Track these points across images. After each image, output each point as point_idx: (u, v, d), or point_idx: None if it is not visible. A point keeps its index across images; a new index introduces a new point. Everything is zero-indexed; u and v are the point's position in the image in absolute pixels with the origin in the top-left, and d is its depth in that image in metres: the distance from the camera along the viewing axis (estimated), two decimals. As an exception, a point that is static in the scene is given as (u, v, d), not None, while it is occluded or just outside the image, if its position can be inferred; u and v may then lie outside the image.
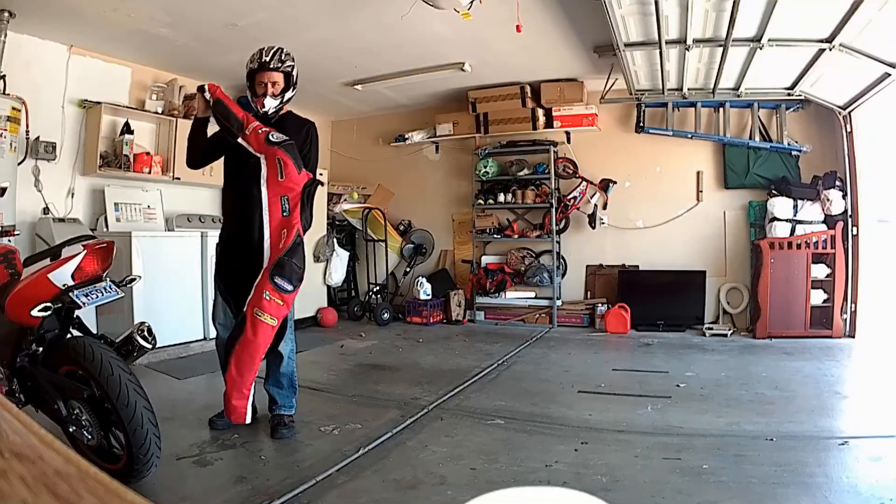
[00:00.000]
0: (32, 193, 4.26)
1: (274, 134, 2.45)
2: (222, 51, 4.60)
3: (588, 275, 6.05)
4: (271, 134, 2.45)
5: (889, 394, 3.34)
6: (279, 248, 2.45)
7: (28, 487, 0.32)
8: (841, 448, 2.44)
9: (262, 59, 2.53)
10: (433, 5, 3.43)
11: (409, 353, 4.65)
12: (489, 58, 5.01)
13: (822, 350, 4.42)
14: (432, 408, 3.06)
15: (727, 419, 2.82)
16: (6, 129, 3.82)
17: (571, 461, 2.32)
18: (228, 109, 2.51)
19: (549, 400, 3.21)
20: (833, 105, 4.89)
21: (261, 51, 2.56)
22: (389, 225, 6.48)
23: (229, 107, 2.52)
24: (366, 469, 2.27)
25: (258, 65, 2.54)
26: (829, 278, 4.93)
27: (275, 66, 2.54)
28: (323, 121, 6.99)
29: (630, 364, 4.22)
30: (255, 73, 2.56)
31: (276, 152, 2.43)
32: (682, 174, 5.71)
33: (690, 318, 5.40)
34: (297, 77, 2.64)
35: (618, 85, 5.29)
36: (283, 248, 2.44)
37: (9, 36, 3.90)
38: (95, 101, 4.57)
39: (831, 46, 3.72)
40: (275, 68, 2.54)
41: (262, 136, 2.44)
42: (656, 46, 3.94)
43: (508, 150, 6.13)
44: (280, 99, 2.60)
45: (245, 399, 2.46)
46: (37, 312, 1.96)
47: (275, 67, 2.54)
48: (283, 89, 2.59)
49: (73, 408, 2.02)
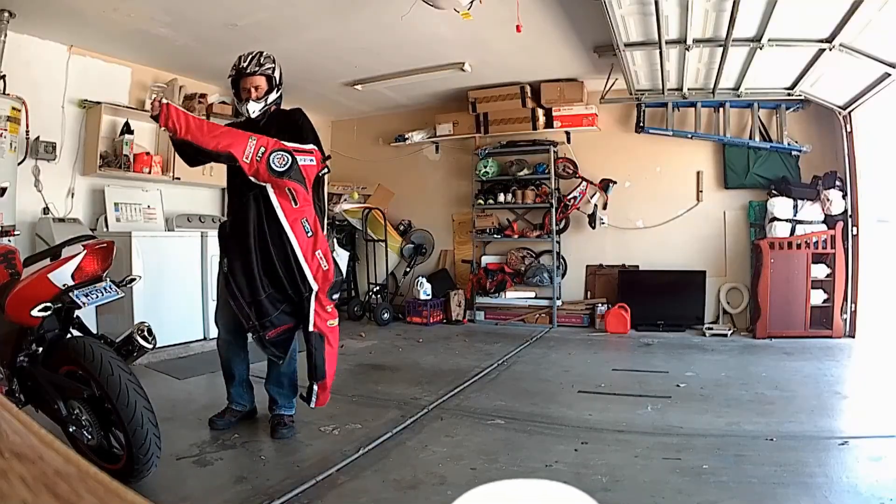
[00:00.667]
0: (32, 193, 4.26)
1: (274, 159, 2.37)
2: (222, 51, 4.59)
3: (588, 275, 6.05)
4: (272, 161, 2.36)
5: (889, 394, 3.34)
6: (325, 273, 2.52)
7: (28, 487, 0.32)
8: (841, 448, 2.44)
9: (240, 65, 2.56)
10: (433, 5, 3.43)
11: (409, 353, 4.65)
12: (489, 58, 5.01)
13: (822, 350, 4.42)
14: (432, 408, 3.06)
15: (727, 419, 2.82)
16: (6, 129, 3.83)
17: (571, 461, 2.32)
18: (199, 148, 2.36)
19: (549, 400, 3.21)
20: (833, 105, 4.89)
21: (239, 58, 2.58)
22: (389, 225, 6.48)
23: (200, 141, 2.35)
24: (366, 469, 2.27)
25: (237, 72, 2.57)
26: (829, 278, 4.93)
27: (252, 71, 2.55)
28: (323, 121, 7.00)
29: (630, 364, 4.22)
30: (236, 80, 2.59)
31: (285, 183, 2.41)
32: (682, 174, 5.71)
33: (690, 318, 5.40)
34: (280, 78, 2.63)
35: (618, 85, 5.29)
36: (329, 272, 2.53)
37: (9, 36, 3.90)
38: (95, 101, 4.57)
39: (831, 46, 3.72)
40: (252, 72, 2.55)
41: (263, 166, 2.36)
42: (656, 46, 3.94)
43: (508, 150, 6.13)
44: (264, 102, 2.59)
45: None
46: (37, 312, 1.96)
47: (252, 72, 2.55)
48: (266, 91, 2.59)
49: (73, 408, 2.02)
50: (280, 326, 2.57)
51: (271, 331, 2.55)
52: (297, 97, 5.45)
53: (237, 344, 2.76)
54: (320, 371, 2.57)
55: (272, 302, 2.53)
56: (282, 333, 2.59)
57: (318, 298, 2.52)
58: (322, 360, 2.57)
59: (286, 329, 2.60)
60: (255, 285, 2.49)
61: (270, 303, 2.52)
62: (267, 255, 2.50)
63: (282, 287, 2.52)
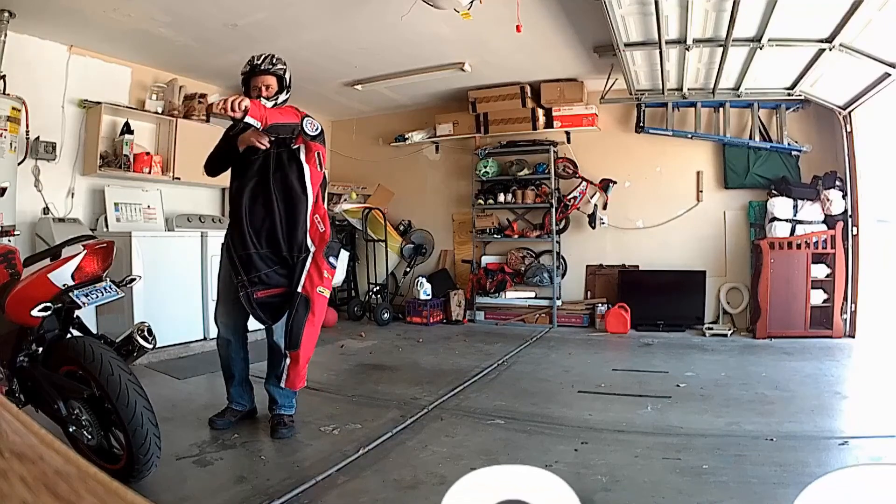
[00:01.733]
0: (32, 193, 4.26)
1: (307, 125, 2.49)
2: (222, 51, 4.60)
3: (588, 275, 6.05)
4: (306, 126, 2.48)
5: (889, 394, 3.34)
6: (322, 234, 2.62)
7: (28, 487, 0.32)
8: (841, 448, 2.44)
9: (255, 63, 2.63)
10: (433, 5, 3.43)
11: (409, 353, 4.64)
12: (489, 58, 5.01)
13: (822, 350, 4.42)
14: (432, 408, 3.06)
15: (727, 419, 2.81)
16: (6, 129, 3.83)
17: (571, 461, 2.32)
18: (280, 126, 2.42)
19: (548, 400, 3.21)
20: (833, 105, 4.89)
21: (253, 56, 2.65)
22: (389, 225, 6.48)
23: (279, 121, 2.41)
24: (366, 469, 2.27)
25: (251, 69, 2.63)
26: (829, 278, 4.93)
27: (266, 69, 2.61)
28: (323, 121, 6.95)
29: (630, 364, 4.22)
30: (248, 77, 2.64)
31: (316, 147, 2.59)
32: (682, 174, 5.71)
33: (690, 318, 5.40)
34: (289, 80, 2.70)
35: (618, 85, 5.29)
36: (325, 233, 2.62)
37: (9, 36, 3.90)
38: (95, 101, 4.57)
39: (831, 46, 3.72)
40: (266, 70, 2.62)
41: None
42: (656, 46, 3.94)
43: (508, 150, 6.13)
44: (274, 101, 2.63)
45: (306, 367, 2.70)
46: (37, 312, 1.96)
47: (266, 70, 2.62)
48: (276, 92, 2.65)
49: (73, 408, 2.02)
50: (272, 289, 2.60)
51: (261, 290, 2.57)
52: (297, 97, 5.38)
53: (237, 343, 2.77)
54: (295, 338, 2.57)
55: (263, 259, 2.59)
56: (273, 297, 2.61)
57: (314, 260, 2.60)
58: (300, 327, 2.57)
59: (278, 294, 2.61)
60: (247, 241, 2.56)
61: (261, 259, 2.58)
62: (270, 212, 2.57)
63: (278, 247, 2.57)
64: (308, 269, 2.59)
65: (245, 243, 2.57)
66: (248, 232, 2.57)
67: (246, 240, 2.57)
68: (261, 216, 2.59)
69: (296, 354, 2.60)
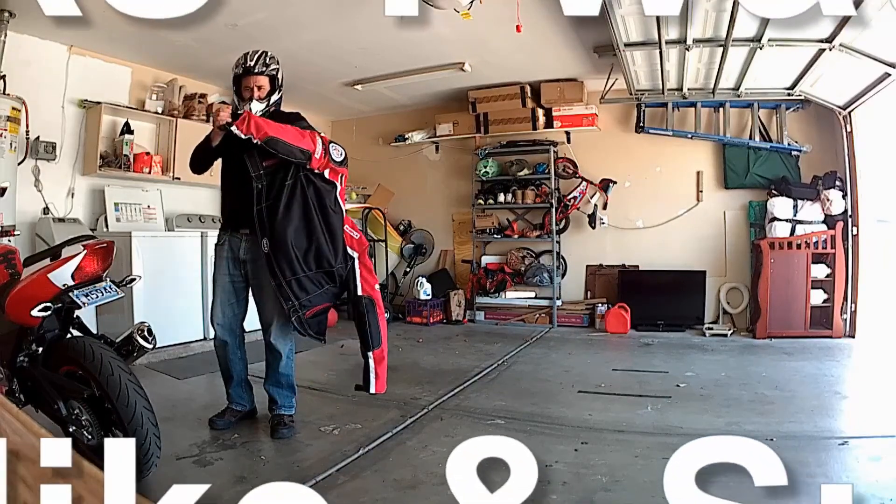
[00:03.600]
0: (32, 193, 4.25)
1: (333, 152, 2.54)
2: (222, 51, 4.58)
3: (588, 275, 6.05)
4: (332, 153, 2.53)
5: (889, 394, 3.34)
6: (359, 241, 2.69)
7: (28, 487, 0.32)
8: (841, 448, 2.44)
9: (247, 63, 2.55)
10: (433, 5, 3.43)
11: (409, 352, 4.64)
12: (489, 58, 5.00)
13: (822, 350, 4.42)
14: (432, 408, 3.06)
15: (727, 419, 2.82)
16: (6, 129, 3.82)
17: (571, 461, 2.32)
18: (287, 145, 2.40)
19: (548, 400, 3.21)
20: (833, 105, 4.88)
21: (245, 55, 2.58)
22: (389, 225, 6.48)
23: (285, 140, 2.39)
24: (366, 469, 2.27)
25: (243, 70, 2.56)
26: (829, 278, 4.93)
27: (259, 70, 2.55)
28: (323, 121, 6.99)
29: (630, 364, 4.22)
30: (240, 77, 2.59)
31: (341, 171, 2.62)
32: (682, 174, 5.71)
33: (690, 318, 5.40)
34: (282, 80, 2.65)
35: (618, 85, 5.28)
36: (361, 238, 2.71)
37: (9, 36, 3.89)
38: (95, 101, 4.56)
39: (831, 46, 3.71)
40: (259, 72, 2.55)
41: (326, 159, 2.53)
42: (656, 46, 3.94)
43: (508, 150, 6.12)
44: (266, 102, 2.59)
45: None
46: (37, 312, 1.96)
47: (259, 71, 2.55)
48: (269, 92, 2.60)
49: (73, 408, 2.02)
50: (317, 306, 2.61)
51: (309, 310, 2.58)
52: (297, 97, 5.45)
53: (234, 344, 2.76)
54: (376, 336, 2.62)
55: (312, 281, 2.58)
56: (318, 314, 2.63)
57: (361, 262, 2.65)
58: (377, 325, 2.62)
59: (323, 309, 2.65)
60: (295, 266, 2.54)
61: (311, 282, 2.58)
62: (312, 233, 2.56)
63: (323, 263, 2.57)
64: (360, 273, 2.65)
65: (294, 268, 2.51)
66: (296, 256, 2.52)
67: (294, 265, 2.51)
68: (304, 238, 2.53)
69: (379, 352, 2.66)
